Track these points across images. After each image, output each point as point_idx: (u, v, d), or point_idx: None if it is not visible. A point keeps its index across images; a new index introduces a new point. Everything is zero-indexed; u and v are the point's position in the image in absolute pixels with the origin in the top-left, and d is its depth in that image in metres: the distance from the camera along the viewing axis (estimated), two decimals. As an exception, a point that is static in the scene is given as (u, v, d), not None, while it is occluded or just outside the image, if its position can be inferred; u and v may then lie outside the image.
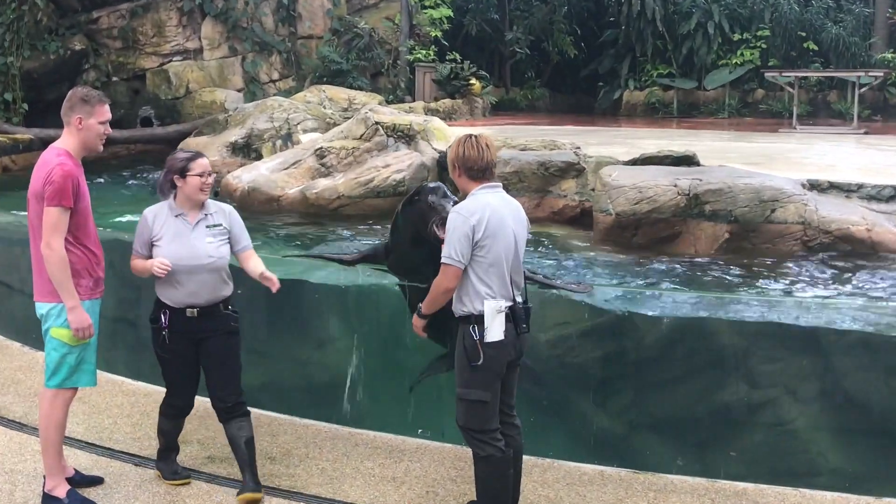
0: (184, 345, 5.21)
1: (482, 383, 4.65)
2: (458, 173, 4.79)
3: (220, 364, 5.21)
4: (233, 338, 5.27)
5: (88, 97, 5.02)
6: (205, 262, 5.14)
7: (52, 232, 4.84)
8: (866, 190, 9.86)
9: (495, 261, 4.65)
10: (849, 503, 5.30)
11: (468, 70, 21.93)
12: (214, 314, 5.19)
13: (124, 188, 15.01)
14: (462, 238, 4.60)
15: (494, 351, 4.64)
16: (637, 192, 9.68)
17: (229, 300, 5.27)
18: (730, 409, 6.86)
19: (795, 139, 16.37)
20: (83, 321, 4.93)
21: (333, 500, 5.24)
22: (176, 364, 5.27)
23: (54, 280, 4.87)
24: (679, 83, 24.40)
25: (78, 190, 4.92)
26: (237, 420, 5.22)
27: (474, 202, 4.70)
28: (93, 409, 6.59)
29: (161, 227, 5.22)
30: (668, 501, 5.28)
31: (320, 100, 17.49)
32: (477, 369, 4.63)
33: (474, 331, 4.63)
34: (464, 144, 4.78)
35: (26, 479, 5.38)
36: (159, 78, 20.80)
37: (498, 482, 4.75)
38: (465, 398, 4.69)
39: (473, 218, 4.61)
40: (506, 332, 4.66)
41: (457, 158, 4.78)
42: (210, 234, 5.20)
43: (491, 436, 4.71)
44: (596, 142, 13.89)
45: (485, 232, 4.62)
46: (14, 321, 8.33)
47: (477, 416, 4.69)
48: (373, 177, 11.43)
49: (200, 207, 5.23)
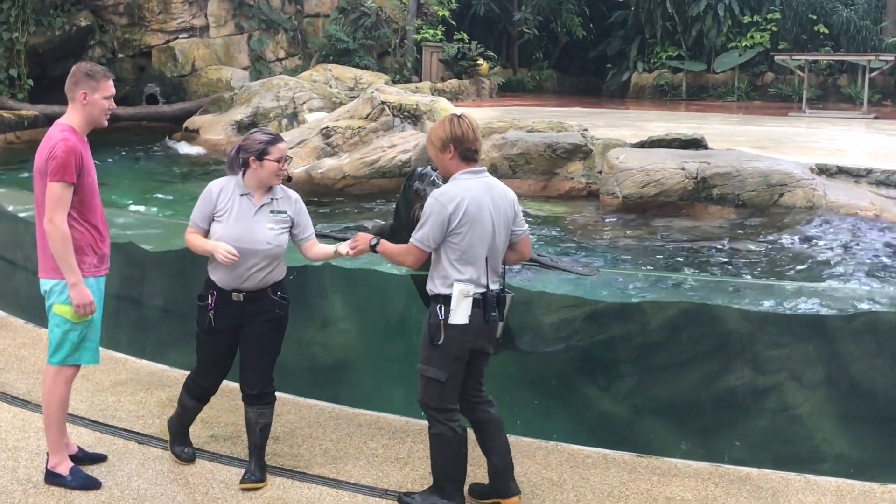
0: (226, 329, 5.08)
1: (440, 363, 4.68)
2: (451, 154, 4.68)
3: (255, 351, 5.10)
4: (275, 325, 5.09)
5: (93, 72, 4.98)
6: (262, 248, 4.97)
7: (55, 207, 4.81)
8: (875, 175, 9.81)
9: (469, 247, 4.63)
10: (853, 489, 5.28)
11: (475, 50, 21.86)
12: (261, 299, 5.03)
13: (129, 166, 14.97)
14: (436, 224, 4.58)
15: (456, 333, 4.65)
16: (644, 175, 9.65)
17: (279, 285, 5.10)
18: (734, 394, 6.84)
19: (805, 123, 16.30)
20: (84, 298, 4.90)
21: (337, 479, 5.23)
22: (212, 346, 5.16)
23: (56, 256, 4.85)
24: (688, 66, 24.30)
25: (82, 166, 4.88)
26: (259, 407, 5.16)
27: (455, 188, 4.64)
28: (96, 386, 6.59)
29: (225, 203, 5.04)
30: (671, 485, 5.27)
31: (326, 79, 17.45)
32: (437, 348, 4.66)
33: (440, 310, 4.65)
34: (459, 125, 4.67)
35: (29, 456, 5.38)
36: (165, 55, 20.75)
37: (448, 461, 4.79)
38: (422, 374, 4.75)
39: (451, 205, 4.57)
40: (472, 318, 4.65)
41: (452, 138, 4.66)
42: (273, 219, 5.02)
43: (445, 415, 4.74)
44: (603, 124, 13.84)
45: (461, 220, 4.59)
46: (18, 298, 8.33)
47: (432, 393, 4.74)
48: (378, 157, 11.39)
49: (268, 191, 5.08)
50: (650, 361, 7.00)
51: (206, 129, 16.04)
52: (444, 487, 4.84)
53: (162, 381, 6.72)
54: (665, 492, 5.18)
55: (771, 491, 5.22)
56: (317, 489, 5.10)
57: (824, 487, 5.30)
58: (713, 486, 5.27)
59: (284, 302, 5.12)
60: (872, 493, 5.22)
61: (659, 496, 5.12)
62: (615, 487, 5.22)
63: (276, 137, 5.09)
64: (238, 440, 5.53)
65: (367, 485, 5.18)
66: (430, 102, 12.66)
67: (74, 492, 4.94)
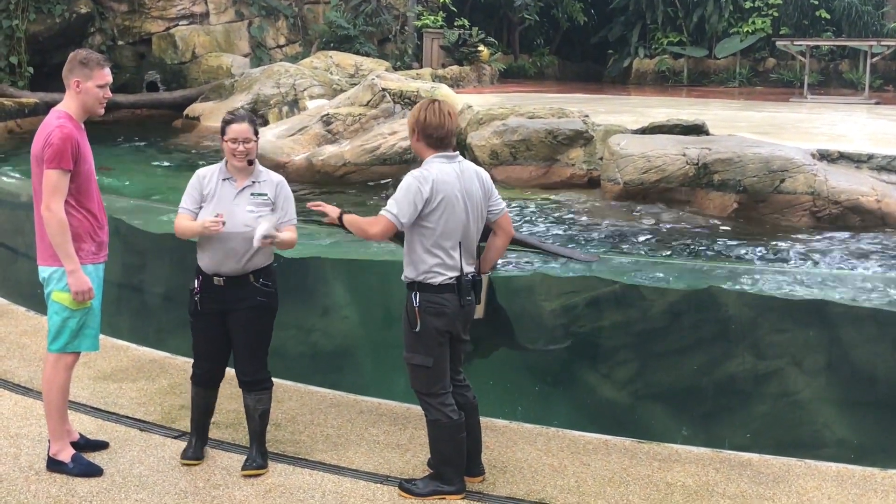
0: (211, 314, 5.08)
1: (423, 349, 4.74)
2: (416, 138, 4.76)
3: (242, 338, 5.10)
4: (259, 312, 5.07)
5: (87, 60, 4.95)
6: (240, 231, 4.94)
7: (52, 194, 4.81)
8: (877, 160, 9.79)
9: (443, 233, 4.67)
10: (854, 474, 5.29)
11: (476, 37, 21.81)
12: (243, 285, 5.02)
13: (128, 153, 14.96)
14: (410, 202, 4.60)
15: (438, 320, 4.70)
16: (645, 161, 9.63)
17: (263, 273, 5.07)
18: (735, 379, 6.84)
19: (806, 108, 16.27)
20: (83, 285, 4.90)
21: (338, 466, 5.23)
22: (200, 331, 5.16)
23: (54, 243, 4.85)
24: (689, 51, 24.23)
25: (78, 152, 4.87)
26: (255, 393, 5.17)
27: (429, 171, 4.66)
28: (98, 374, 6.59)
29: (210, 189, 5.06)
30: (672, 471, 5.27)
31: (327, 66, 17.41)
32: (418, 335, 4.72)
33: (415, 297, 4.71)
34: (425, 110, 4.71)
35: (31, 443, 5.39)
36: (165, 42, 20.69)
37: (447, 446, 4.83)
38: (408, 362, 4.81)
39: (426, 187, 4.61)
40: (448, 303, 4.71)
41: (416, 123, 4.71)
42: (253, 202, 5.01)
43: (438, 400, 4.79)
44: (604, 110, 13.81)
45: (436, 204, 4.62)
46: (19, 285, 8.33)
47: (421, 380, 4.80)
48: (379, 144, 11.37)
49: (249, 174, 5.06)
50: (651, 347, 7.00)
51: (207, 117, 16.02)
52: (444, 472, 4.87)
53: (163, 368, 6.72)
54: (666, 477, 5.18)
55: (772, 476, 5.23)
56: (318, 475, 5.11)
57: (825, 473, 5.30)
58: (714, 472, 5.28)
59: (268, 289, 5.07)
60: (873, 479, 5.23)
61: (660, 482, 5.13)
62: (616, 473, 5.23)
63: (235, 118, 5.06)
64: (239, 427, 5.54)
65: (368, 471, 5.19)
66: (430, 89, 12.63)
67: (76, 479, 4.95)
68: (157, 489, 4.88)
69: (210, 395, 5.28)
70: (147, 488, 4.88)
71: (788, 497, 4.97)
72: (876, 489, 5.10)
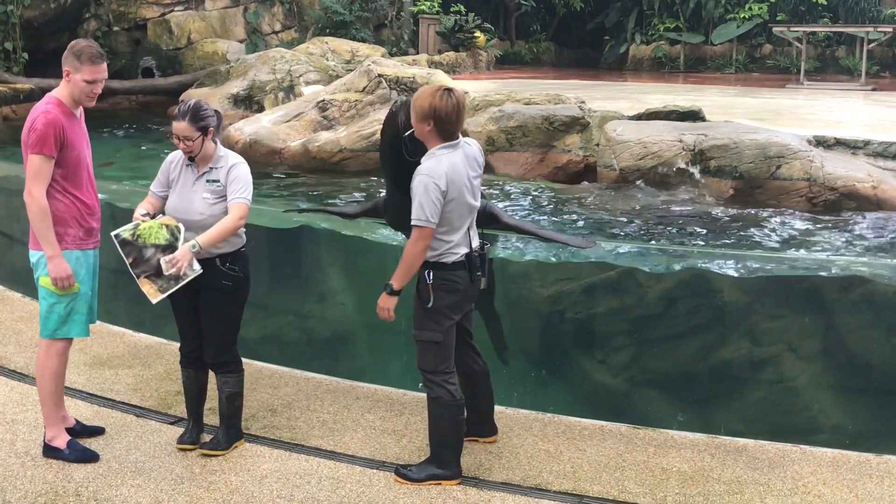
0: (182, 294, 5.10)
1: (434, 325, 4.80)
2: (427, 126, 4.68)
3: (205, 320, 5.10)
4: (223, 296, 5.05)
5: (80, 53, 4.91)
6: (195, 219, 4.95)
7: (33, 180, 4.80)
8: (873, 147, 9.78)
9: (455, 219, 4.73)
10: (849, 460, 5.31)
11: (473, 22, 21.75)
12: (208, 267, 4.97)
13: (125, 142, 14.91)
14: (434, 201, 4.60)
15: (451, 297, 4.78)
16: (642, 148, 9.62)
17: (230, 257, 5.03)
18: (731, 365, 6.85)
19: (802, 95, 16.25)
20: (61, 271, 4.88)
21: (334, 451, 5.25)
22: (178, 309, 5.19)
23: (34, 228, 4.85)
24: (686, 38, 24.19)
25: (64, 139, 4.85)
26: (221, 375, 5.19)
27: (439, 165, 4.64)
28: (94, 360, 6.60)
29: (175, 174, 5.08)
30: (667, 456, 5.29)
31: (323, 52, 17.36)
32: (429, 311, 4.78)
33: (428, 275, 4.77)
34: (444, 101, 4.64)
35: (27, 429, 5.39)
36: (160, 28, 20.61)
37: (447, 425, 4.86)
38: (417, 338, 4.86)
39: (442, 182, 4.61)
40: (461, 279, 4.80)
41: (431, 111, 4.64)
42: (208, 189, 4.99)
43: (443, 377, 4.84)
44: (601, 96, 13.79)
45: (449, 197, 4.66)
46: (15, 272, 8.33)
47: (429, 356, 4.84)
48: (375, 130, 11.32)
49: (207, 161, 5.02)
50: (647, 333, 7.01)
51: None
52: (442, 455, 4.88)
53: (160, 354, 6.73)
54: (661, 463, 5.20)
55: (767, 462, 5.25)
56: (314, 461, 5.12)
57: (820, 458, 5.32)
58: (709, 458, 5.29)
59: (234, 274, 5.04)
60: (868, 464, 5.25)
61: (655, 467, 5.14)
62: (612, 459, 5.24)
63: (176, 115, 5.00)
64: (235, 413, 5.54)
65: (364, 456, 5.20)
66: (427, 75, 12.59)
67: (72, 464, 4.96)
68: (153, 475, 4.89)
69: (200, 378, 5.28)
70: (143, 474, 4.89)
71: (784, 482, 4.99)
72: (871, 474, 5.12)
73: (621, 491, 4.86)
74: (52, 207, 4.87)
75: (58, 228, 4.91)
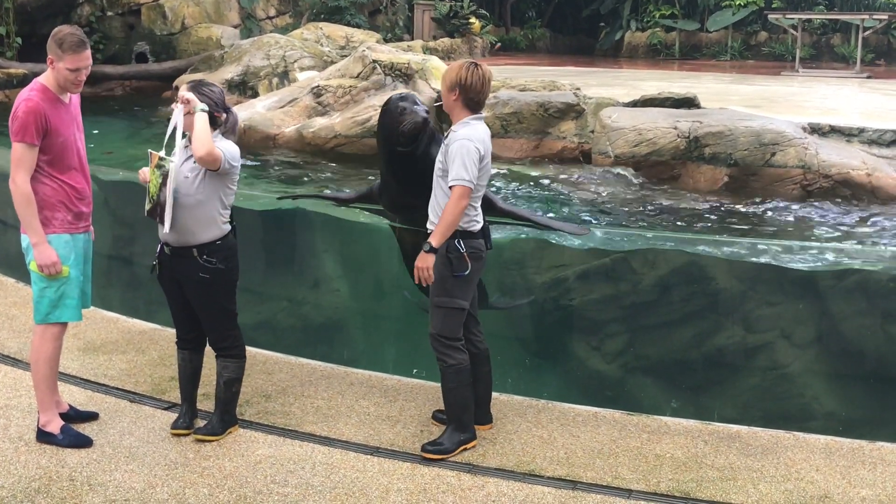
0: (167, 280, 5.12)
1: (462, 293, 5.03)
2: (455, 97, 4.98)
3: (198, 310, 5.10)
4: (203, 287, 5.01)
5: (62, 42, 4.87)
6: (176, 198, 4.92)
7: (16, 167, 4.80)
8: (868, 134, 9.78)
9: (481, 186, 5.02)
10: (842, 447, 5.33)
11: (468, 9, 21.68)
12: (186, 258, 4.97)
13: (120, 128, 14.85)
14: (474, 162, 4.85)
15: (478, 264, 5.05)
16: (637, 135, 9.61)
17: (208, 248, 4.98)
18: (725, 352, 6.86)
19: (798, 82, 16.24)
20: (46, 258, 4.88)
21: (328, 437, 5.25)
22: (167, 296, 5.22)
23: (19, 215, 4.85)
24: (681, 24, 24.14)
25: (48, 125, 4.83)
26: (221, 359, 5.19)
27: (475, 132, 4.96)
28: (88, 345, 6.59)
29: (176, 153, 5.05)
30: (661, 443, 5.30)
31: (317, 37, 17.28)
32: (459, 279, 4.97)
33: (460, 244, 4.95)
34: (471, 73, 4.94)
35: (21, 415, 5.39)
36: (154, 13, 20.49)
37: (465, 391, 5.09)
38: (446, 306, 5.01)
39: (481, 147, 4.91)
40: (483, 247, 5.10)
41: (460, 84, 4.93)
42: (191, 169, 4.94)
43: (459, 343, 5.08)
44: (596, 83, 13.77)
45: (482, 163, 4.94)
46: (9, 257, 8.31)
47: (454, 323, 5.05)
48: (370, 116, 11.29)
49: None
50: (641, 320, 7.02)
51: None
52: (462, 419, 5.10)
53: (153, 340, 6.73)
54: (655, 449, 5.22)
55: (760, 448, 5.26)
56: (308, 447, 5.12)
57: (813, 445, 5.34)
58: (703, 444, 5.31)
59: (211, 266, 4.98)
60: (861, 451, 5.27)
61: (649, 454, 5.16)
62: (605, 445, 5.26)
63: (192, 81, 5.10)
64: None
65: (358, 442, 5.21)
66: (421, 61, 12.54)
67: (66, 450, 4.96)
68: (146, 460, 4.89)
69: (194, 360, 5.27)
70: (137, 459, 4.89)
71: (777, 469, 5.01)
72: (864, 461, 5.14)
73: (615, 477, 4.87)
74: (38, 192, 4.86)
75: (45, 212, 4.89)
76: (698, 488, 4.77)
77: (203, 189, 4.93)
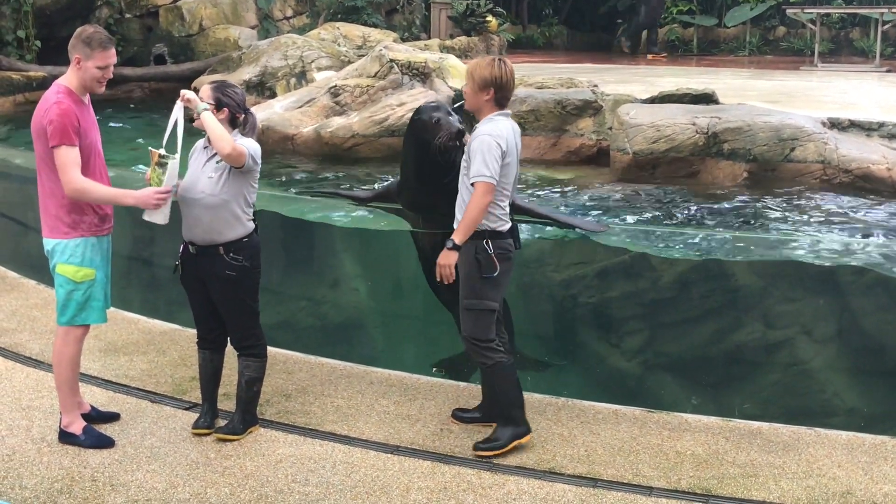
0: (191, 280, 5.14)
1: (492, 294, 5.00)
2: (486, 94, 4.92)
3: (221, 308, 5.12)
4: (228, 285, 5.04)
5: (90, 39, 4.91)
6: (197, 197, 4.95)
7: (68, 170, 4.80)
8: (887, 128, 9.71)
9: (506, 185, 4.95)
10: (864, 442, 5.29)
11: (484, 7, 21.64)
12: (212, 256, 5.00)
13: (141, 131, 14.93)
14: (496, 158, 4.81)
15: (507, 265, 5.01)
16: (655, 131, 9.57)
17: (235, 246, 5.01)
18: (745, 349, 6.83)
19: (816, 77, 16.14)
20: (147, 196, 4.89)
21: (349, 436, 5.26)
22: (190, 296, 5.24)
23: (101, 203, 4.95)
24: (699, 20, 24.04)
25: (79, 127, 4.87)
26: (243, 359, 5.21)
27: (498, 127, 4.90)
28: (109, 346, 6.63)
29: (193, 156, 5.13)
30: (682, 439, 5.28)
31: (334, 37, 17.31)
32: (488, 280, 4.95)
33: (488, 245, 4.91)
34: (503, 70, 4.90)
35: (43, 416, 5.43)
36: (172, 15, 20.58)
37: (512, 387, 5.09)
38: (476, 308, 4.99)
39: (503, 143, 4.85)
40: (511, 247, 5.04)
41: (494, 82, 4.88)
42: (214, 169, 4.99)
43: (496, 343, 5.05)
44: (614, 80, 13.73)
45: (506, 158, 4.88)
46: (30, 259, 8.36)
47: (485, 325, 5.02)
48: (387, 115, 11.31)
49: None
50: (661, 317, 7.00)
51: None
52: (514, 415, 5.08)
53: (174, 340, 6.75)
54: (676, 446, 5.20)
55: (782, 445, 5.24)
56: (329, 446, 5.14)
57: (835, 441, 5.31)
58: (724, 441, 5.29)
59: (237, 264, 5.01)
60: (884, 446, 5.24)
61: (669, 450, 5.14)
62: (626, 442, 5.24)
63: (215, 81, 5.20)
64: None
65: (378, 441, 5.21)
66: (438, 60, 12.54)
67: (88, 450, 4.99)
68: (168, 460, 4.91)
69: (215, 360, 5.29)
70: (159, 459, 4.92)
71: (798, 465, 4.98)
72: (886, 457, 5.10)
73: (635, 474, 4.86)
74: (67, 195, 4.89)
75: (74, 216, 4.93)
76: (719, 485, 4.75)
77: (228, 188, 4.97)
